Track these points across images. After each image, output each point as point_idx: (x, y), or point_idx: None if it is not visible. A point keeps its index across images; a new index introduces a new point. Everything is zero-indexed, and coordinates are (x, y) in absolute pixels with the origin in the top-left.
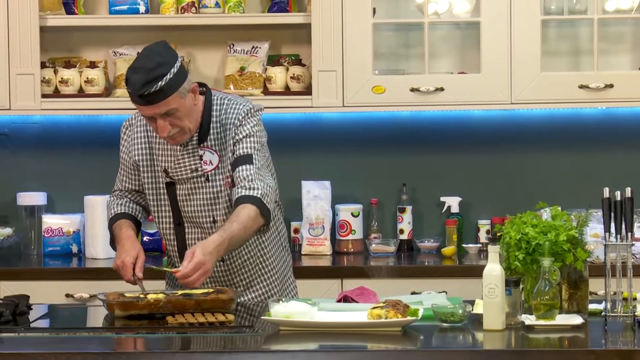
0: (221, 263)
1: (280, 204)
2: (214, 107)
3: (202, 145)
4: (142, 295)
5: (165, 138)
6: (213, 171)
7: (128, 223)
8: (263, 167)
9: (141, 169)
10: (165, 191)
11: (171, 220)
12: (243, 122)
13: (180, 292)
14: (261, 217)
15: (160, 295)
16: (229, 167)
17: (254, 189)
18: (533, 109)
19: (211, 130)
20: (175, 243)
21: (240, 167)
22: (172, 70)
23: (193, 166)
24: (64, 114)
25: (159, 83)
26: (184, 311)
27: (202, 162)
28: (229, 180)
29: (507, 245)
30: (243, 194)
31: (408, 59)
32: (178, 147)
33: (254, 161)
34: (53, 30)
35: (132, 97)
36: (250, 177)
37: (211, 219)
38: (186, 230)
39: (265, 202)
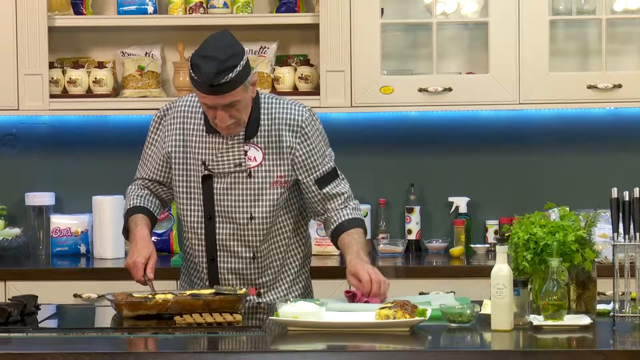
0: (253, 261)
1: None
2: (262, 105)
3: (248, 141)
4: (150, 296)
5: (221, 128)
6: (256, 168)
7: (145, 220)
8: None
9: (174, 161)
10: (200, 184)
11: (202, 214)
12: (309, 128)
13: (188, 292)
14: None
15: (169, 296)
16: (282, 167)
17: (357, 209)
18: (541, 109)
19: (259, 127)
20: (204, 237)
21: (333, 183)
22: (242, 62)
23: (237, 160)
24: (72, 114)
25: (230, 75)
26: (192, 311)
27: (246, 157)
28: (282, 180)
29: (515, 246)
30: (354, 216)
31: (416, 59)
32: (221, 140)
33: (339, 174)
34: (61, 30)
35: (197, 84)
36: (348, 196)
37: (248, 215)
38: (217, 225)
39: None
